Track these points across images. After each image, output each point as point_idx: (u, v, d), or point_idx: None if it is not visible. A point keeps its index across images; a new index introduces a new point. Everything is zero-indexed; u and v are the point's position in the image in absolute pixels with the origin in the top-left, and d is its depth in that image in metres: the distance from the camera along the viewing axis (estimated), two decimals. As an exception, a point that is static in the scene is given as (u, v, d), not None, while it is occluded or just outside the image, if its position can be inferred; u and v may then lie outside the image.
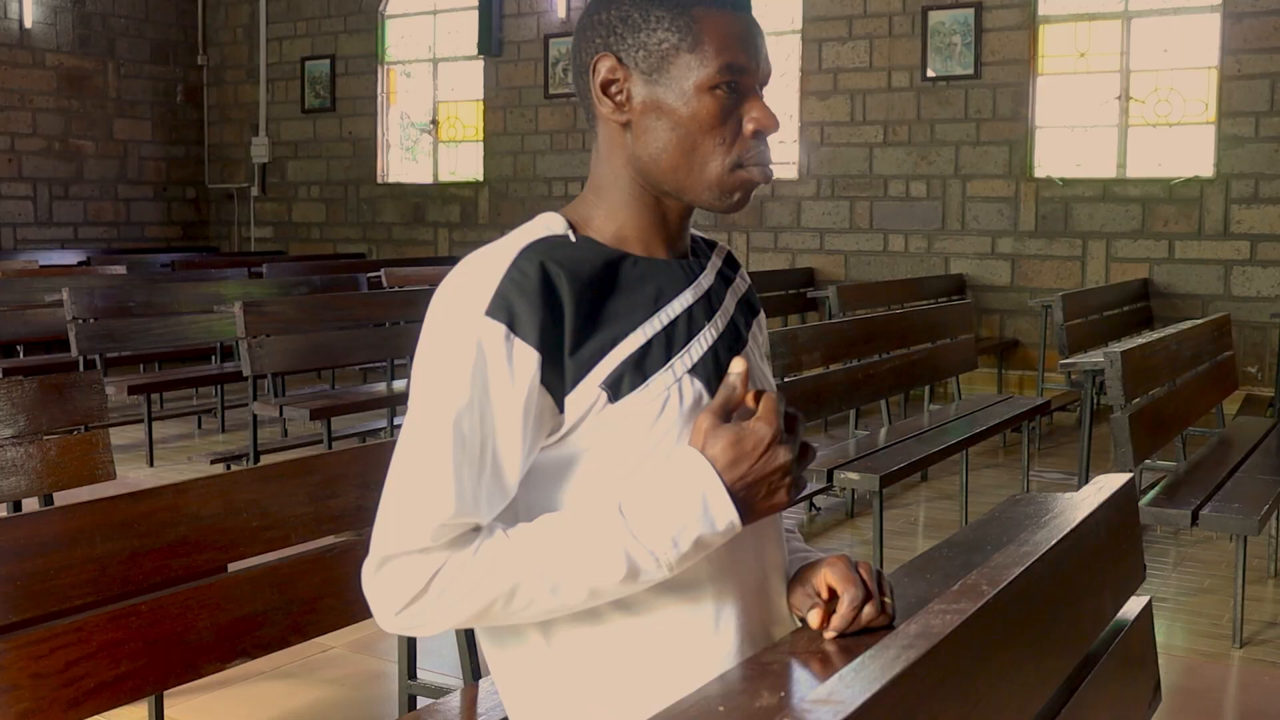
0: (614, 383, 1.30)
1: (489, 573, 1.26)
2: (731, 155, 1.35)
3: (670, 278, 1.38)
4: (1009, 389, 8.45)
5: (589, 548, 1.26)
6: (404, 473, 1.27)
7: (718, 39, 1.33)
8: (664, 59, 1.34)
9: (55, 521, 1.64)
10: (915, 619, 1.10)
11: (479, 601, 1.26)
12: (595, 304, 1.31)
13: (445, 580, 1.25)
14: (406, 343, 6.44)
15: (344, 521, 2.00)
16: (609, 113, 1.37)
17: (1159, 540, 4.92)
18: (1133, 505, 1.73)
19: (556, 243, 1.33)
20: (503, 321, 1.25)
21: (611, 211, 1.39)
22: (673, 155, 1.35)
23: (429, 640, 3.55)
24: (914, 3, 8.98)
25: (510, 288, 1.26)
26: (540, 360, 1.26)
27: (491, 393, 1.26)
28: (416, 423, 1.28)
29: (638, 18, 1.34)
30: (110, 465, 2.95)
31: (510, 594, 1.26)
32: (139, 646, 1.67)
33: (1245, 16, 7.92)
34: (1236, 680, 3.63)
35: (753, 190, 1.39)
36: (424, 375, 1.29)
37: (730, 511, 1.27)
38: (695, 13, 1.33)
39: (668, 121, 1.34)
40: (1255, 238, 7.95)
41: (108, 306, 6.43)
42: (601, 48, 1.36)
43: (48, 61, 11.67)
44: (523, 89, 10.84)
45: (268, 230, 12.61)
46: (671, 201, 1.39)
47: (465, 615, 1.27)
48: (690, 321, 1.37)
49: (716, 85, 1.33)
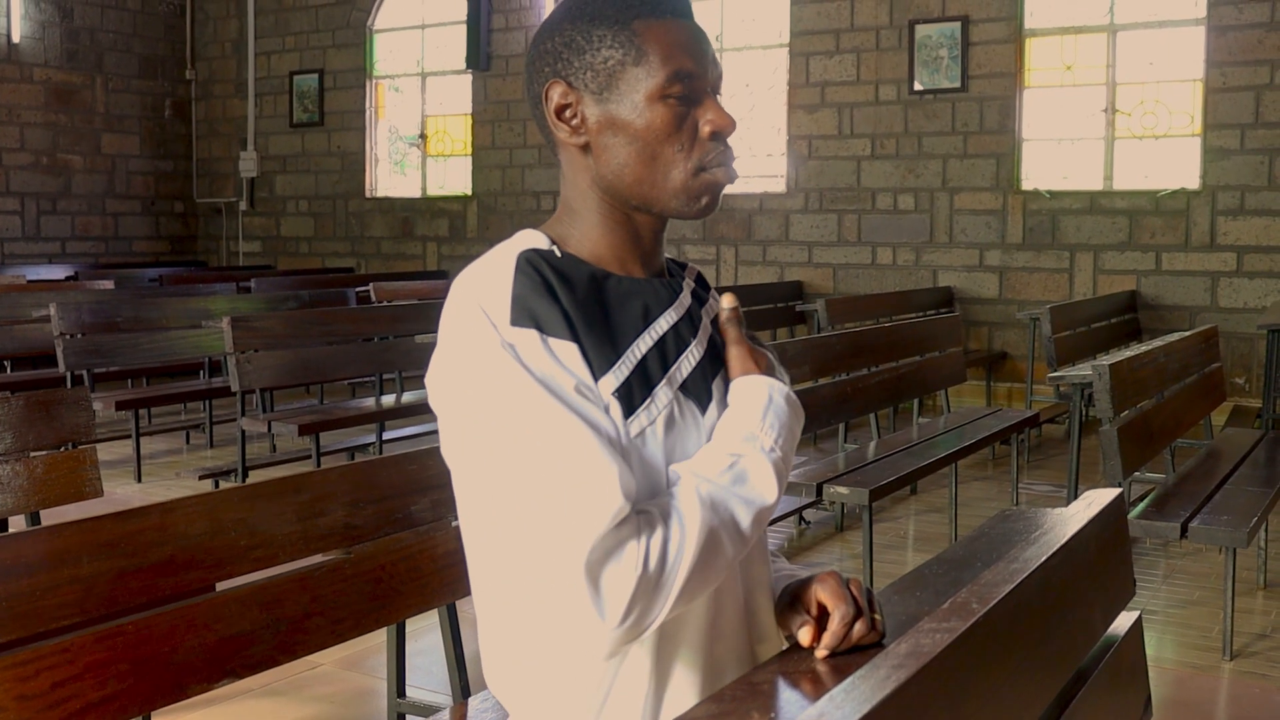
0: (626, 395, 1.31)
1: (679, 520, 1.24)
2: (693, 160, 1.36)
3: (654, 295, 1.39)
4: (998, 401, 8.47)
5: None
6: (530, 485, 1.22)
7: (662, 48, 1.34)
8: (612, 76, 1.34)
9: (41, 542, 1.63)
10: (905, 638, 1.10)
11: (688, 558, 1.23)
12: (592, 315, 1.31)
13: (648, 552, 1.22)
14: (396, 357, 6.43)
15: (332, 540, 1.99)
16: (567, 137, 1.38)
17: (1149, 552, 4.93)
18: (1122, 520, 1.73)
19: (545, 254, 1.34)
20: (531, 327, 1.26)
21: (585, 233, 1.40)
22: (635, 168, 1.35)
23: (418, 657, 3.54)
24: (901, 16, 9.02)
25: (525, 293, 1.27)
26: (579, 349, 1.28)
27: (555, 387, 1.25)
28: (505, 447, 1.23)
29: (581, 40, 1.35)
30: (97, 482, 2.94)
31: (706, 534, 1.25)
32: (126, 667, 1.66)
33: (1229, 29, 7.97)
34: (1227, 692, 3.63)
35: (719, 192, 1.39)
36: (485, 405, 1.25)
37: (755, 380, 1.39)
38: (635, 26, 1.34)
39: (625, 136, 1.35)
40: (1242, 249, 7.98)
41: (95, 322, 6.41)
42: (551, 75, 1.37)
43: (36, 76, 11.65)
44: (511, 103, 10.85)
45: (256, 245, 12.59)
46: (642, 216, 1.40)
47: (679, 583, 1.23)
48: (678, 339, 1.38)
49: (667, 94, 1.34)
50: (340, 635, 1.97)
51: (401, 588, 2.06)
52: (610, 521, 1.20)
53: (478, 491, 1.29)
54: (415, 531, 2.10)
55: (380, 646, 2.39)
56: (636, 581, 1.20)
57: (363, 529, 2.03)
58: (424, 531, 2.12)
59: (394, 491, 2.09)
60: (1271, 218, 7.89)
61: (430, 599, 2.13)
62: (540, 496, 1.22)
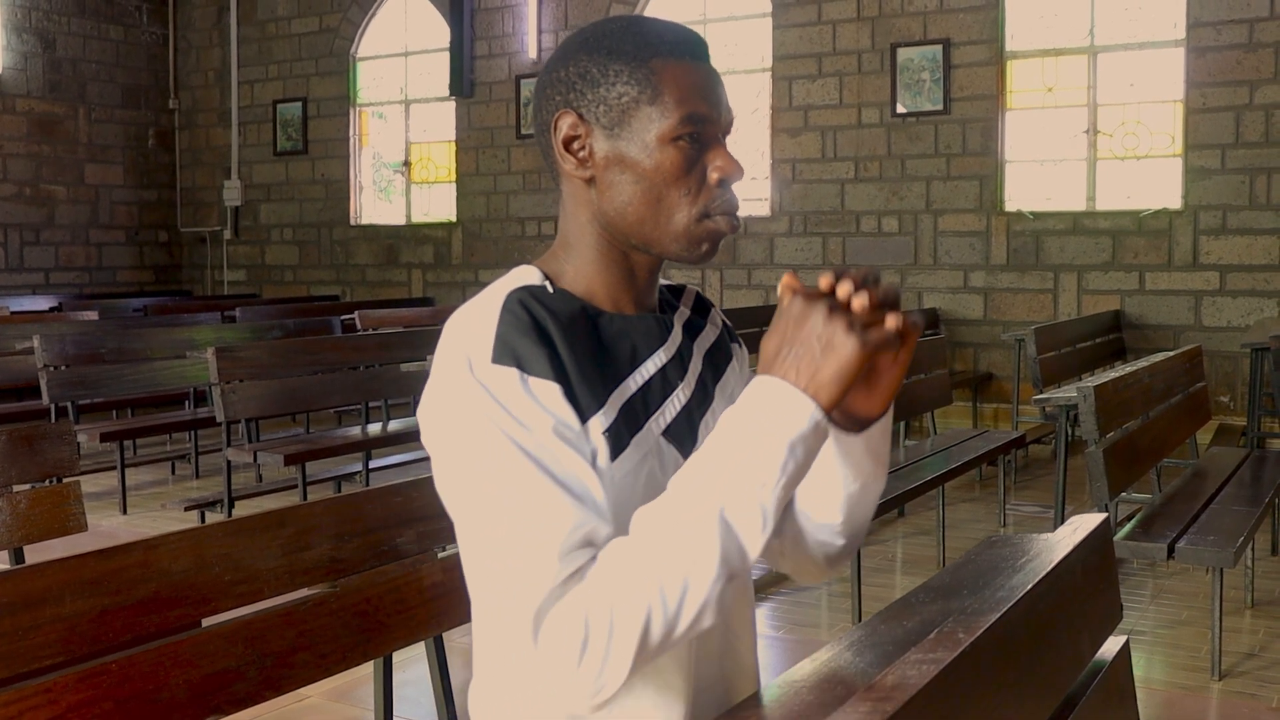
0: (615, 436, 1.29)
1: (627, 572, 1.17)
2: (698, 205, 1.34)
3: (645, 335, 1.37)
4: (984, 422, 8.48)
5: (691, 522, 1.18)
6: (492, 527, 1.21)
7: (678, 90, 1.32)
8: (624, 113, 1.33)
9: (23, 581, 1.62)
10: (892, 669, 1.10)
11: (637, 611, 1.16)
12: (581, 353, 1.30)
13: (594, 604, 1.16)
14: (381, 385, 6.42)
15: (317, 574, 1.97)
16: (572, 169, 1.36)
17: (1136, 573, 4.93)
18: (1108, 545, 1.73)
19: (536, 291, 1.32)
20: (511, 365, 1.24)
21: (580, 268, 1.38)
22: (638, 208, 1.34)
23: (407, 687, 3.51)
24: (883, 39, 9.08)
25: (508, 331, 1.26)
26: (561, 390, 1.25)
27: (527, 427, 1.22)
28: (474, 486, 1.23)
29: (596, 73, 1.33)
30: (82, 517, 2.92)
31: (660, 589, 1.16)
32: (110, 706, 1.64)
33: (1208, 50, 8.04)
34: (1216, 713, 3.63)
35: (720, 240, 1.37)
36: (458, 444, 1.24)
37: (790, 395, 1.19)
38: (653, 64, 1.32)
39: (631, 175, 1.33)
40: (1224, 268, 8.03)
41: (79, 353, 6.39)
42: (561, 105, 1.35)
43: (18, 107, 11.64)
44: (495, 129, 10.88)
45: (241, 273, 12.57)
46: (640, 256, 1.38)
47: (634, 639, 1.16)
48: (664, 382, 1.36)
49: (679, 136, 1.32)
50: (327, 670, 1.96)
51: (388, 621, 2.05)
52: (555, 573, 1.17)
53: (460, 535, 1.30)
54: (401, 564, 2.09)
55: (369, 677, 2.38)
56: (581, 644, 1.16)
57: (348, 562, 2.02)
58: (410, 564, 2.11)
59: (379, 524, 2.08)
60: (1253, 237, 7.94)
61: (417, 631, 2.12)
62: (497, 541, 1.21)
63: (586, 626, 1.16)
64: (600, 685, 1.17)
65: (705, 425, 1.39)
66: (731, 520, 1.18)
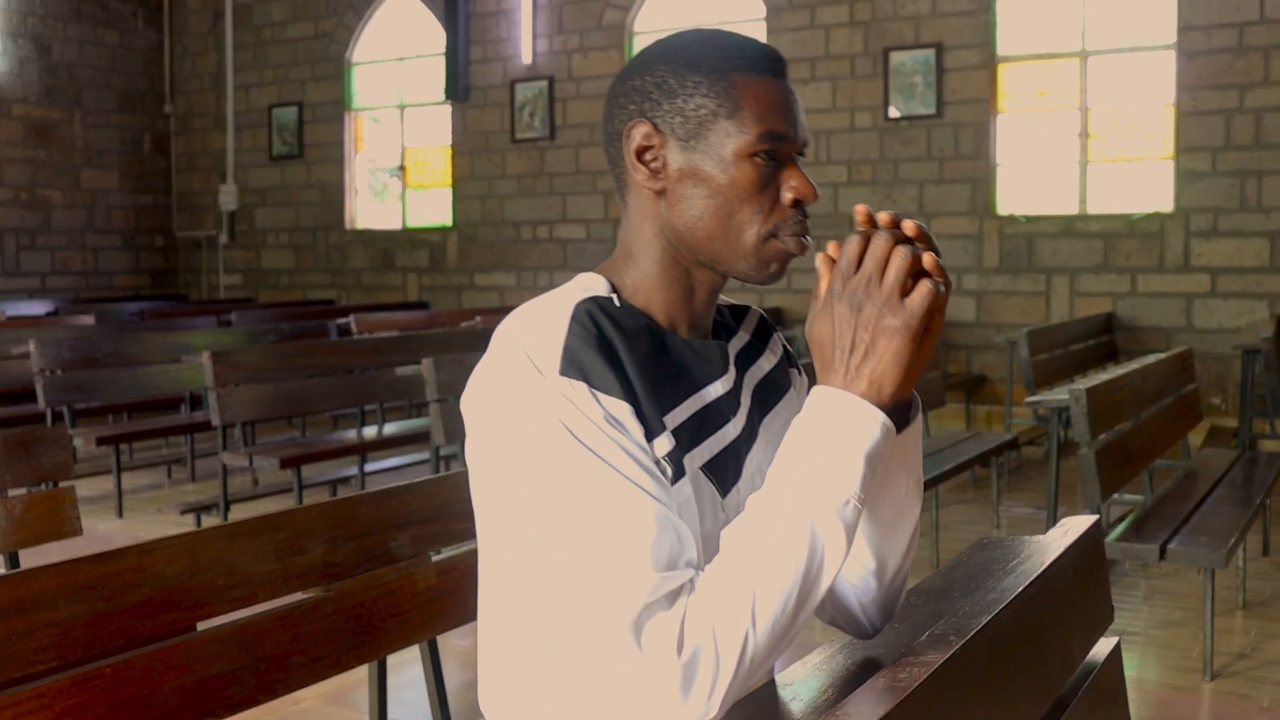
0: (674, 460, 1.25)
1: (725, 591, 1.15)
2: (768, 224, 1.31)
3: (707, 362, 1.34)
4: (977, 425, 8.49)
5: (779, 530, 1.17)
6: (573, 536, 1.16)
7: (757, 106, 1.29)
8: (702, 125, 1.29)
9: (17, 585, 1.62)
10: (883, 673, 1.11)
11: (736, 634, 1.13)
12: (645, 373, 1.26)
13: (699, 623, 1.14)
14: (377, 389, 6.42)
15: (312, 577, 1.98)
16: (643, 180, 1.32)
17: (1128, 574, 4.95)
18: (1099, 547, 1.74)
19: (604, 303, 1.28)
20: (580, 379, 1.20)
21: (639, 282, 1.35)
22: (709, 223, 1.30)
23: (402, 690, 3.52)
24: (875, 44, 9.10)
25: (577, 344, 1.21)
26: (631, 410, 1.22)
27: (613, 436, 1.19)
28: (545, 493, 1.18)
29: (674, 83, 1.30)
30: (77, 521, 2.92)
31: (752, 610, 1.14)
32: (104, 711, 1.65)
33: (1199, 54, 8.06)
34: (1208, 713, 3.64)
35: (789, 261, 1.34)
36: (524, 448, 1.19)
37: (857, 407, 1.18)
38: (734, 78, 1.29)
39: (705, 189, 1.30)
40: (1215, 270, 8.05)
41: (75, 358, 6.39)
42: (636, 114, 1.32)
43: (14, 112, 11.64)
44: (490, 134, 10.88)
45: (237, 277, 12.57)
46: (702, 274, 1.35)
47: (733, 660, 1.14)
48: (719, 414, 1.33)
49: (755, 153, 1.29)
50: (321, 673, 1.96)
51: (382, 624, 2.06)
52: (651, 581, 1.14)
53: (512, 537, 1.23)
54: (396, 567, 2.10)
55: (364, 680, 2.38)
56: (689, 667, 1.13)
57: (342, 566, 2.03)
58: (404, 567, 2.11)
59: (373, 528, 2.09)
60: (1244, 239, 7.97)
61: (411, 635, 2.12)
62: (580, 549, 1.17)
63: (697, 649, 1.13)
64: (709, 709, 1.14)
65: (750, 463, 1.36)
66: (818, 538, 1.17)
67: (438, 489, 2.21)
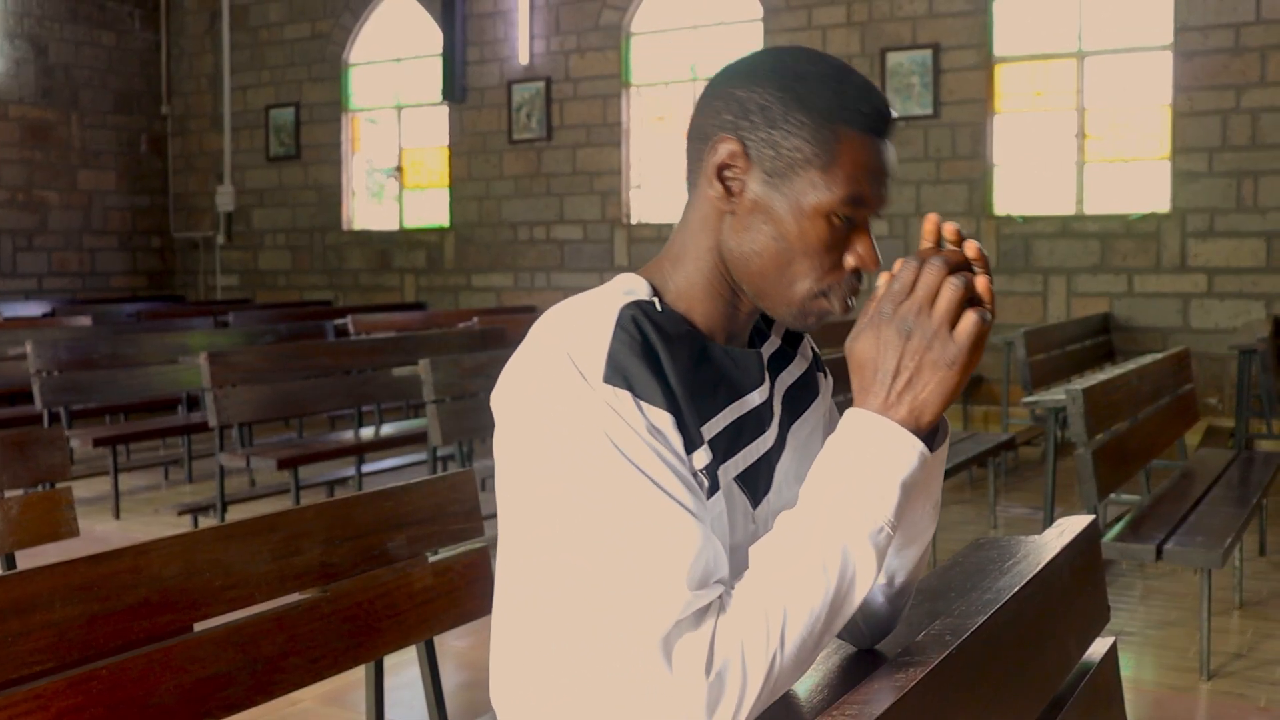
0: (710, 473, 1.23)
1: (754, 611, 1.14)
2: (822, 283, 1.28)
3: (746, 372, 1.32)
4: (974, 425, 8.50)
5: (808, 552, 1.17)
6: (608, 545, 1.15)
7: (853, 165, 1.25)
8: (791, 167, 1.25)
9: (12, 587, 1.62)
10: (879, 674, 1.11)
11: (763, 652, 1.13)
12: (687, 382, 1.24)
13: (725, 634, 1.13)
14: (374, 390, 6.42)
15: (308, 578, 1.98)
16: (716, 196, 1.28)
17: (1125, 574, 4.95)
18: (1095, 547, 1.74)
19: (647, 308, 1.25)
20: (624, 388, 1.17)
21: (683, 289, 1.31)
22: (764, 263, 1.28)
23: (400, 690, 3.52)
24: (873, 45, 9.10)
25: (621, 351, 1.18)
26: (673, 420, 1.19)
27: (655, 448, 1.17)
28: (581, 500, 1.16)
29: (778, 113, 1.25)
30: (74, 522, 2.92)
31: (782, 631, 1.14)
32: (100, 712, 1.65)
33: (1195, 55, 8.07)
34: (1205, 713, 3.65)
35: (827, 319, 1.33)
36: (562, 453, 1.17)
37: (896, 435, 1.17)
38: (839, 130, 1.24)
39: (772, 229, 1.26)
40: (1212, 271, 8.06)
41: (72, 359, 6.38)
42: (730, 128, 1.27)
43: (11, 113, 11.63)
44: (487, 134, 10.88)
45: (234, 278, 12.56)
46: (747, 300, 1.33)
47: (760, 678, 1.13)
48: (755, 424, 1.32)
49: (835, 212, 1.25)
50: (318, 674, 1.96)
51: (379, 625, 2.06)
52: (685, 597, 1.13)
53: (544, 541, 1.22)
54: (392, 568, 2.10)
55: (361, 681, 2.38)
56: (718, 685, 1.13)
57: (339, 567, 2.03)
58: (401, 568, 2.11)
59: (370, 529, 2.09)
60: (1240, 239, 7.98)
61: (408, 635, 2.12)
62: (613, 559, 1.15)
63: (724, 668, 1.13)
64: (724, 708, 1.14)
65: (780, 471, 1.35)
66: (850, 562, 1.17)
67: (435, 490, 2.21)
